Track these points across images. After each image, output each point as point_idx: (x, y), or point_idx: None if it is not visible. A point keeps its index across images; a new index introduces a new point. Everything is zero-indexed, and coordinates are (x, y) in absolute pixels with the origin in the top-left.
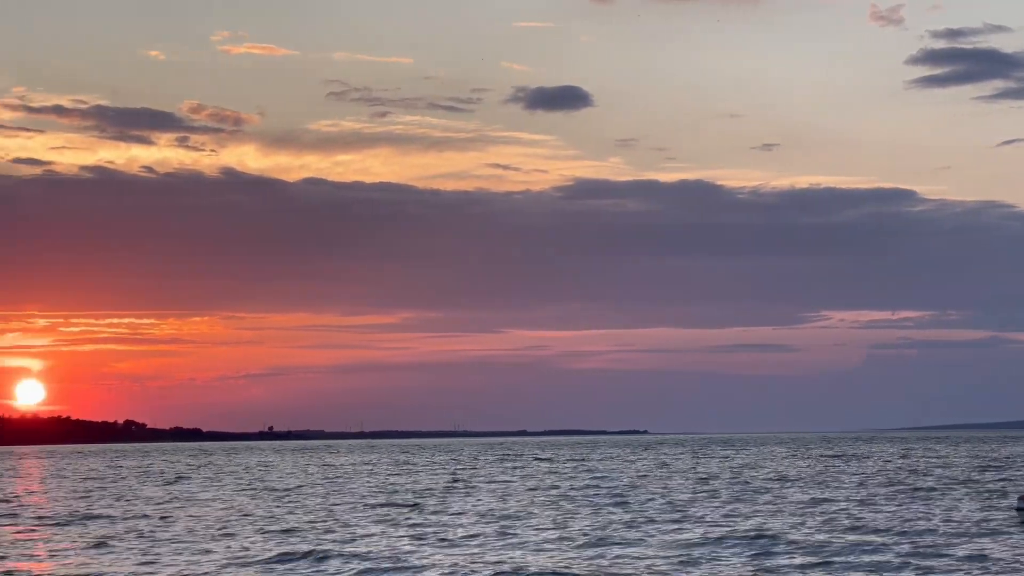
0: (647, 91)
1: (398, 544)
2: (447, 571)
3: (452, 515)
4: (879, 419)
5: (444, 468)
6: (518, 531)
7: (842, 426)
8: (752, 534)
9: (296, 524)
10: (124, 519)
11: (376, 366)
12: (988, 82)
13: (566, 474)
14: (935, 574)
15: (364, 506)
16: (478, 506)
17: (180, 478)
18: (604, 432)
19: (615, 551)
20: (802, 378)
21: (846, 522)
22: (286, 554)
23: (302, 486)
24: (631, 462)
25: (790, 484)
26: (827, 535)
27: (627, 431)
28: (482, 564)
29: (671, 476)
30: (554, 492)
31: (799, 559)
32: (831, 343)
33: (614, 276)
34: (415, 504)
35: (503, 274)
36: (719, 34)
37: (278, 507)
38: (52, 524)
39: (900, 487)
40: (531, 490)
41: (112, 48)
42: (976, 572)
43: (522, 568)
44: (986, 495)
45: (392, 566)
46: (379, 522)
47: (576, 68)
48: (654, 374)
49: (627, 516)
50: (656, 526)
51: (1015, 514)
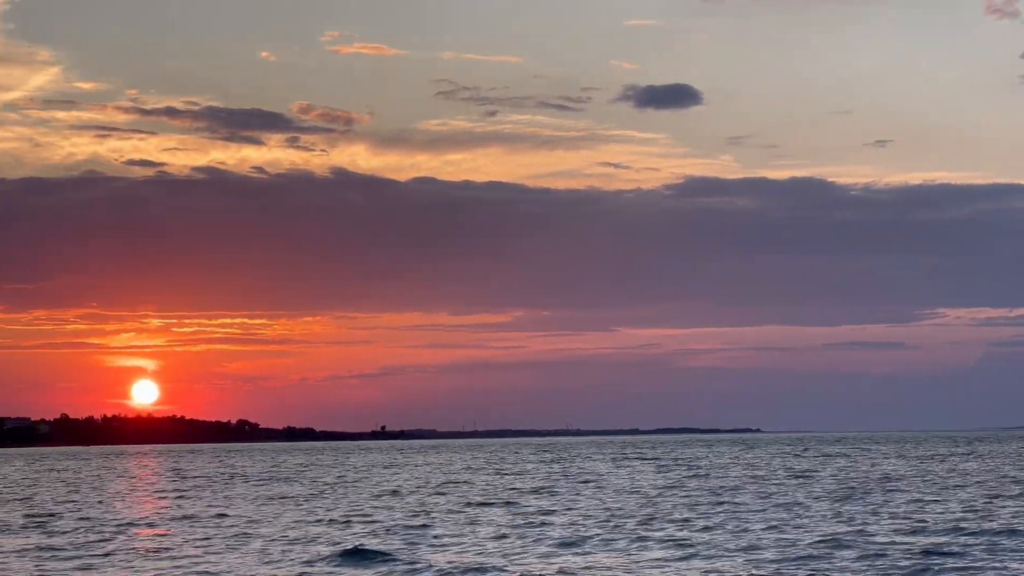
0: (758, 88)
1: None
2: None
3: (547, 514)
4: (996, 417)
5: (553, 466)
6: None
7: (959, 424)
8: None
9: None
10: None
11: (488, 365)
12: None
13: (671, 473)
14: None
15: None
16: (579, 506)
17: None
18: (716, 430)
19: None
20: (917, 376)
21: None
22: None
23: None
24: (743, 460)
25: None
26: None
27: (739, 429)
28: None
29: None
30: (657, 492)
31: None
32: (946, 341)
33: (725, 274)
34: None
35: (614, 272)
36: (831, 30)
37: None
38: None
39: None
40: (631, 492)
41: (223, 50)
42: None
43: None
44: None
45: None
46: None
47: (686, 66)
48: (766, 372)
49: (729, 520)
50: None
51: None
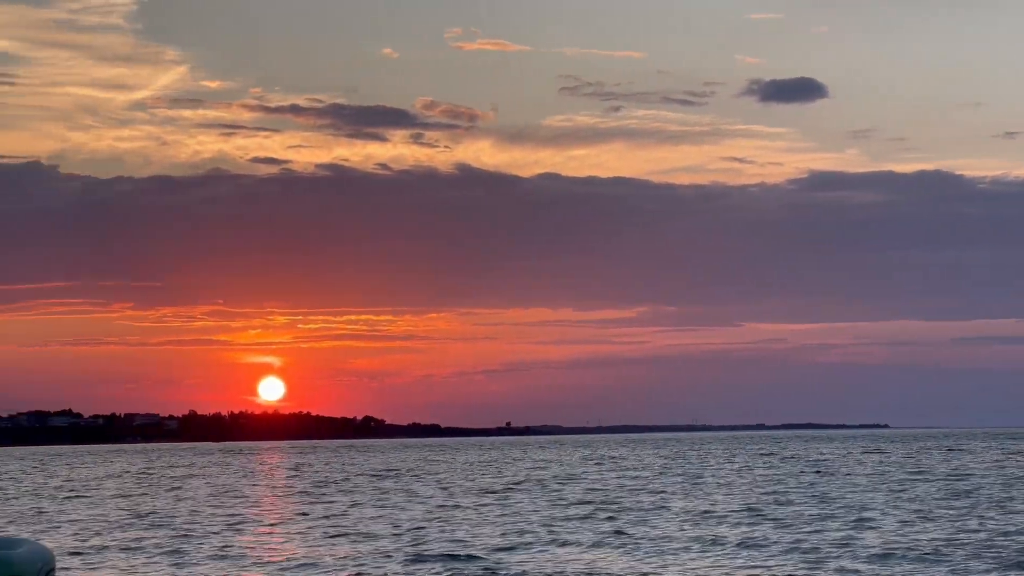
0: (883, 81)
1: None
2: None
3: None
4: None
5: (680, 462)
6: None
7: None
8: None
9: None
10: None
11: (612, 361)
12: None
13: (789, 470)
14: None
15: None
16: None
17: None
18: (843, 426)
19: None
20: None
21: None
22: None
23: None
24: (871, 458)
25: None
26: None
27: (867, 425)
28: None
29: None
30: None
31: None
32: None
33: (852, 268)
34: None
35: (739, 267)
36: (957, 19)
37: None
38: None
39: None
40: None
41: (346, 47)
42: None
43: None
44: None
45: None
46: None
47: (810, 59)
48: (895, 367)
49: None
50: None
51: None
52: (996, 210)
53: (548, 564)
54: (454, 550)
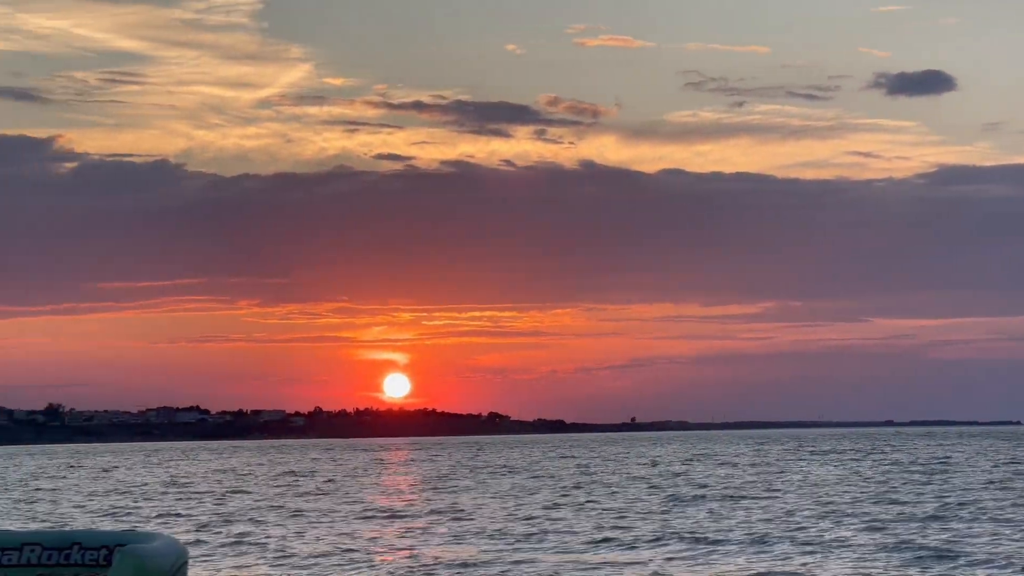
0: (1015, 73)
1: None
2: None
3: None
4: None
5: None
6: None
7: None
8: None
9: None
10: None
11: (738, 356)
12: None
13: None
14: None
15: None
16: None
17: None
18: (974, 423)
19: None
20: None
21: None
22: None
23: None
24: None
25: None
26: None
27: (999, 422)
28: None
29: None
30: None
31: None
32: None
33: (981, 263)
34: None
35: (865, 262)
36: None
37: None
38: None
39: None
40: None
41: (470, 43)
42: None
43: None
44: None
45: None
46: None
47: (938, 51)
48: None
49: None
50: None
51: None
52: None
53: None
54: None
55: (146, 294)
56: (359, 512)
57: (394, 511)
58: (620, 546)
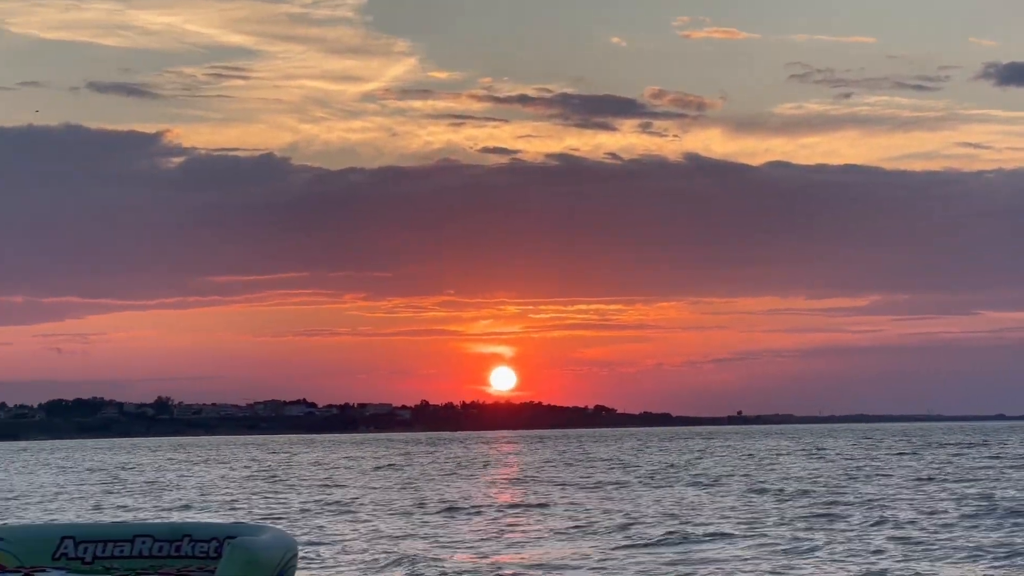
0: None
1: None
2: None
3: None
4: None
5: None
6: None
7: None
8: None
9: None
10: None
11: (844, 349)
12: None
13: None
14: None
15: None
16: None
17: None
18: None
19: None
20: None
21: None
22: None
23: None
24: None
25: None
26: None
27: None
28: None
29: None
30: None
31: None
32: None
33: None
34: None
35: (976, 255)
36: None
37: None
38: None
39: None
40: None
41: (574, 36)
42: None
43: None
44: None
45: None
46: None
47: None
48: None
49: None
50: None
51: None
52: None
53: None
54: None
55: (253, 288)
56: (443, 505)
57: (503, 504)
58: None
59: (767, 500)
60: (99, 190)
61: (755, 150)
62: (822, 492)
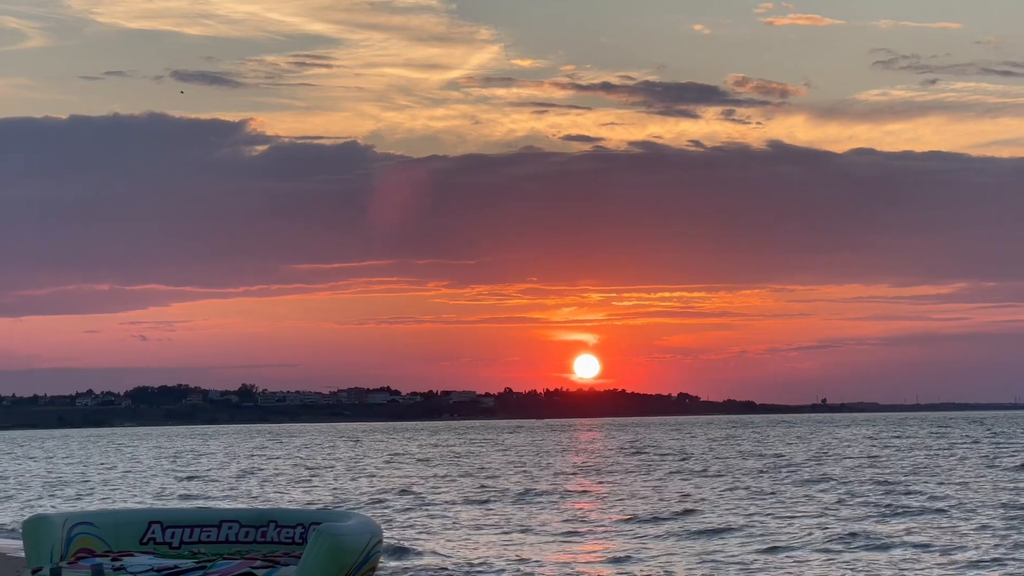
0: None
1: None
2: None
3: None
4: None
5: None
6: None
7: None
8: None
9: None
10: None
11: (930, 337)
12: None
13: None
14: None
15: None
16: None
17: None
18: None
19: None
20: None
21: None
22: None
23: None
24: None
25: None
26: None
27: None
28: None
29: None
30: None
31: None
32: None
33: None
34: None
35: None
36: None
37: None
38: None
39: None
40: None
41: (657, 24)
42: None
43: None
44: None
45: None
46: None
47: None
48: None
49: None
50: None
51: None
52: None
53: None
54: None
55: (336, 276)
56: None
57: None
58: None
59: None
60: (183, 178)
61: (839, 137)
62: None
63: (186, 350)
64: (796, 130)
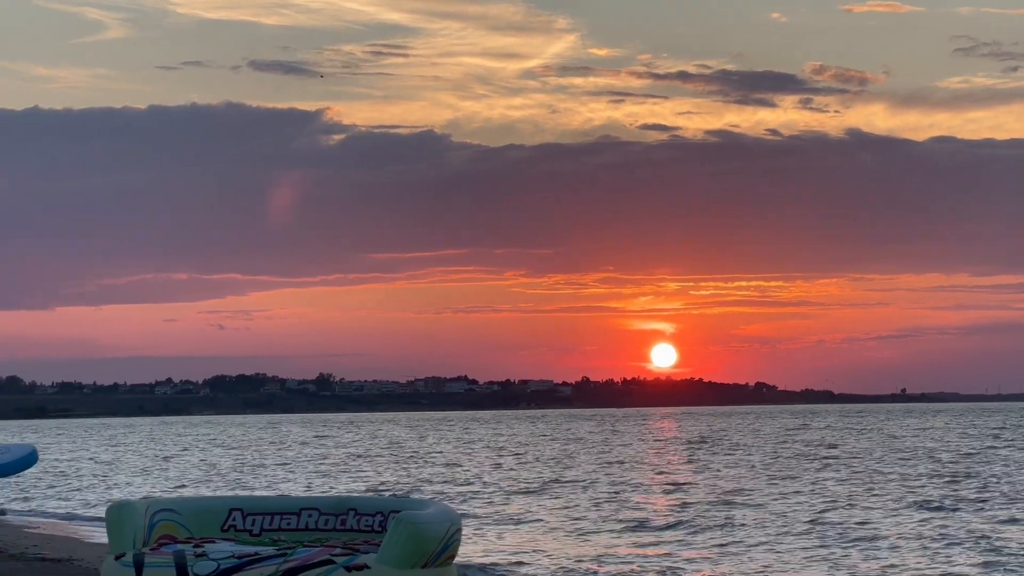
0: None
1: None
2: None
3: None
4: None
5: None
6: None
7: None
8: None
9: None
10: None
11: (1011, 327)
12: None
13: None
14: None
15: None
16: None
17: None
18: None
19: None
20: None
21: None
22: None
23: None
24: None
25: None
26: None
27: None
28: None
29: None
30: None
31: None
32: None
33: None
34: None
35: None
36: None
37: None
38: None
39: None
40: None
41: (734, 12)
42: None
43: None
44: None
45: None
46: None
47: None
48: None
49: None
50: None
51: None
52: None
53: None
54: None
55: (413, 265)
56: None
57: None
58: None
59: None
60: (260, 168)
61: (919, 125)
62: None
63: (264, 339)
64: (875, 118)
